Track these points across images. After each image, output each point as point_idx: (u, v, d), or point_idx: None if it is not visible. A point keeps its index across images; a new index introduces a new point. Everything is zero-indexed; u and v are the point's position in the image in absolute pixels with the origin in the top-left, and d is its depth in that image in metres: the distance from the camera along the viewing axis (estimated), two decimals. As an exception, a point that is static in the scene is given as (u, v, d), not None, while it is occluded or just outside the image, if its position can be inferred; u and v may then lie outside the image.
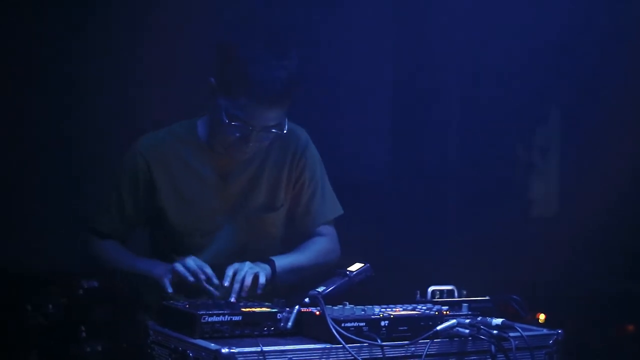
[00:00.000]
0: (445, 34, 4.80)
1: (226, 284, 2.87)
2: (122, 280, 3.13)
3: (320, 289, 2.68)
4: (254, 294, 2.88)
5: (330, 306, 2.59)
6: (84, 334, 3.60)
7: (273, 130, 2.97)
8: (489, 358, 2.58)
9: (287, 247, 3.23)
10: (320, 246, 3.27)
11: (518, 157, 4.78)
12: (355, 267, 2.81)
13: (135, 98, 4.22)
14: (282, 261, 3.10)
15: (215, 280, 2.86)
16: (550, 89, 4.63)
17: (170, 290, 2.90)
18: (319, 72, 4.48)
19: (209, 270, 2.87)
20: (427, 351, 2.53)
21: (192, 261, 2.89)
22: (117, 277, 3.14)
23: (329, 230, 3.30)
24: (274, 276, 3.02)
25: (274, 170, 3.17)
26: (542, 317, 3.79)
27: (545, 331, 2.77)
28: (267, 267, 3.02)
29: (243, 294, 2.87)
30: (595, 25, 4.36)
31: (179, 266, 2.89)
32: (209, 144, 3.09)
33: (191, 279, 2.86)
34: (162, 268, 2.97)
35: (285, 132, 2.99)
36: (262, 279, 2.91)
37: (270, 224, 3.19)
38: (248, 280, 2.89)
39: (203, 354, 2.37)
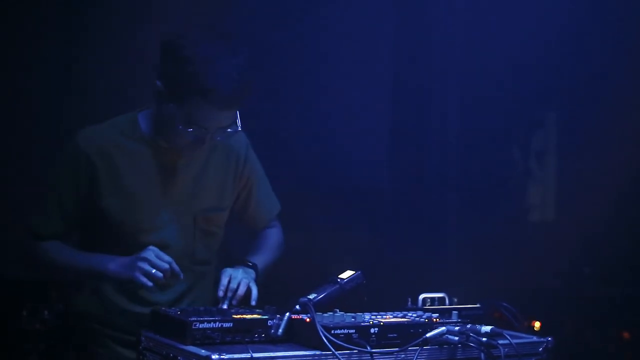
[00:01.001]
0: (445, 36, 4.81)
1: (220, 293, 2.86)
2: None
3: (311, 296, 2.71)
4: (247, 304, 2.88)
5: (320, 313, 2.60)
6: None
7: (229, 130, 2.88)
8: (478, 365, 2.60)
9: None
10: (277, 240, 3.27)
11: (516, 161, 4.79)
12: (347, 274, 2.82)
13: (69, 94, 4.20)
14: (261, 263, 3.09)
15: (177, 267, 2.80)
16: (550, 91, 4.64)
17: (150, 284, 2.78)
18: (316, 74, 4.50)
19: (176, 267, 2.80)
20: (417, 358, 2.55)
21: (155, 256, 2.79)
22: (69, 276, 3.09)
23: (276, 222, 3.30)
24: (257, 280, 3.00)
25: (218, 171, 3.08)
26: (537, 324, 3.80)
27: (535, 339, 2.78)
28: (253, 272, 3.01)
29: (234, 302, 2.88)
30: (595, 27, 4.37)
31: (145, 265, 2.78)
32: (153, 140, 2.96)
33: (160, 275, 2.77)
34: (119, 262, 2.85)
35: (239, 129, 2.90)
36: (254, 292, 2.90)
37: (216, 224, 3.11)
38: (242, 290, 2.89)
39: (194, 360, 2.39)
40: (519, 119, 4.78)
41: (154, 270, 2.76)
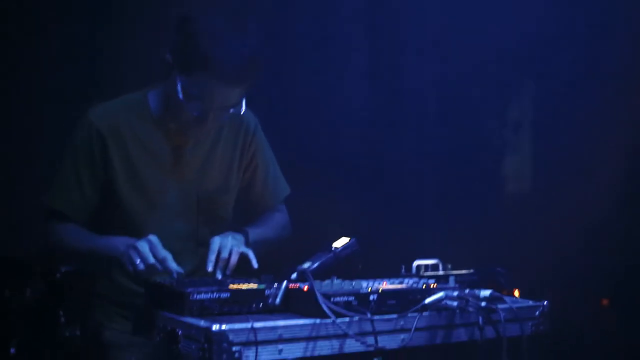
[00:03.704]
0: (420, 28, 4.80)
1: (210, 267, 2.80)
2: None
3: (306, 265, 2.68)
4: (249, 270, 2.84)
5: (318, 281, 2.58)
6: (62, 319, 3.57)
7: (231, 111, 2.87)
8: (477, 330, 2.59)
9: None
10: (281, 221, 3.25)
11: (496, 135, 4.79)
12: (341, 242, 2.81)
13: (81, 71, 4.15)
14: (254, 232, 3.04)
15: (174, 265, 2.71)
16: (528, 82, 4.64)
17: (131, 270, 2.73)
18: (295, 53, 4.48)
19: (171, 265, 2.71)
20: (416, 324, 2.54)
21: (148, 249, 2.72)
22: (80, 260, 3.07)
23: (282, 207, 3.28)
24: (246, 246, 2.95)
25: (227, 152, 3.08)
26: (516, 292, 3.82)
27: (531, 303, 2.79)
28: (242, 238, 2.96)
29: (227, 272, 2.84)
30: (577, 17, 4.37)
31: (134, 253, 2.71)
32: (162, 119, 2.96)
33: (141, 267, 2.71)
34: (124, 246, 2.79)
35: (243, 112, 2.90)
36: (251, 254, 2.85)
37: (221, 206, 3.11)
38: (234, 259, 2.84)
39: (193, 331, 2.35)
40: (499, 91, 4.77)
41: (138, 261, 2.70)
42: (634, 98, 4.31)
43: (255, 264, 2.83)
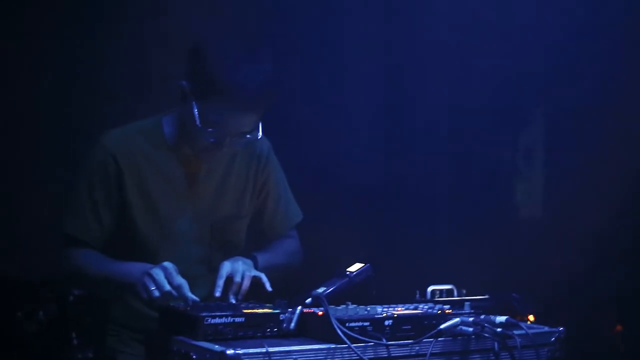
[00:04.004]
0: (433, 38, 4.80)
1: (217, 293, 2.79)
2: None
3: (321, 290, 2.67)
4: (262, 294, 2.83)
5: (333, 306, 2.57)
6: (75, 341, 3.56)
7: (248, 136, 2.88)
8: (492, 356, 2.58)
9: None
10: (291, 247, 3.24)
11: (510, 158, 4.78)
12: (355, 267, 2.80)
13: (97, 95, 4.16)
14: (263, 258, 3.04)
15: (190, 294, 2.68)
16: (540, 91, 4.63)
17: (145, 297, 2.70)
18: (309, 80, 4.49)
19: (186, 292, 2.68)
20: (432, 350, 2.52)
21: (164, 276, 2.69)
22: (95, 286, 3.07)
23: (294, 233, 3.27)
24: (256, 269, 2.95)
25: (240, 177, 3.09)
26: (531, 318, 3.79)
27: (547, 329, 2.77)
28: (251, 262, 2.96)
29: (240, 297, 2.83)
30: (587, 23, 4.36)
31: (149, 281, 2.69)
32: (176, 145, 2.97)
33: (156, 294, 2.68)
34: (139, 272, 2.77)
35: (259, 138, 2.90)
36: (264, 277, 2.85)
37: (234, 232, 3.11)
38: (246, 284, 2.83)
39: (207, 355, 2.34)
40: (509, 117, 4.76)
41: (153, 288, 2.68)
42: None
43: (268, 287, 2.83)
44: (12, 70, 4.01)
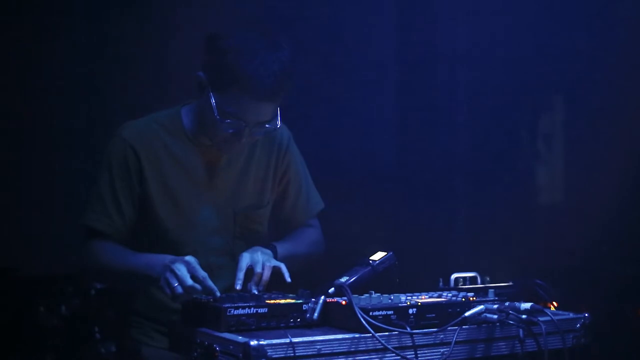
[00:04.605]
0: (450, 23, 4.77)
1: (238, 286, 2.76)
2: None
3: (344, 279, 2.65)
4: (282, 285, 2.81)
5: (356, 295, 2.55)
6: (98, 335, 3.57)
7: (267, 126, 2.86)
8: (517, 343, 2.56)
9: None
10: (312, 237, 3.21)
11: (528, 144, 4.75)
12: (378, 256, 2.77)
13: (115, 88, 4.16)
14: (283, 247, 3.02)
15: (212, 286, 2.62)
16: (557, 75, 4.59)
17: (169, 293, 2.64)
18: (323, 67, 4.47)
19: (209, 284, 2.62)
20: (456, 338, 2.50)
21: (186, 271, 2.63)
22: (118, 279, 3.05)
23: (315, 222, 3.25)
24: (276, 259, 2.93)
25: (261, 166, 3.07)
26: (554, 304, 3.77)
27: (572, 315, 2.75)
28: (271, 252, 2.94)
29: (261, 287, 2.82)
30: (603, 10, 4.33)
31: (172, 276, 2.63)
32: (195, 136, 2.96)
33: (180, 291, 2.61)
34: (160, 266, 2.71)
35: (278, 127, 2.89)
36: (283, 268, 2.82)
37: (257, 221, 3.09)
38: (267, 275, 2.82)
39: (231, 347, 2.33)
40: (527, 102, 4.73)
41: (176, 284, 2.63)
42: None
43: (288, 278, 2.81)
44: (33, 66, 4.03)
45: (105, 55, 4.17)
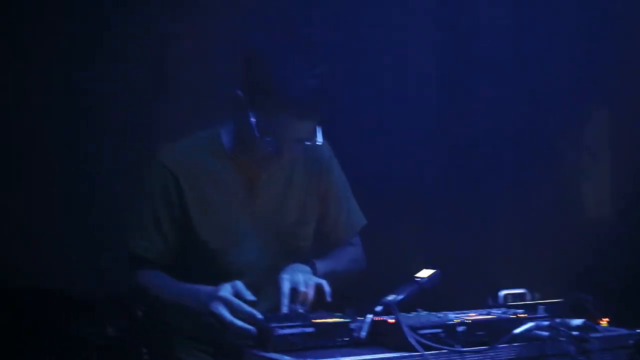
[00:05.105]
0: (489, 19, 4.73)
1: (284, 308, 2.72)
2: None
3: (391, 297, 2.62)
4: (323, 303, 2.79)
5: (404, 313, 2.53)
6: (146, 357, 3.57)
7: (307, 143, 2.85)
8: (569, 360, 2.51)
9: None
10: (353, 255, 3.18)
11: (576, 157, 4.68)
12: (425, 273, 2.74)
13: (150, 108, 4.18)
14: (322, 264, 2.99)
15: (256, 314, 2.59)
16: (607, 87, 4.53)
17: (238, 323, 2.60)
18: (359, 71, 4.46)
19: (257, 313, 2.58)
20: (507, 356, 2.47)
21: (223, 309, 2.61)
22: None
23: (357, 240, 3.22)
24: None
25: (302, 183, 3.05)
26: (605, 321, 3.71)
27: (624, 331, 2.70)
28: (309, 269, 2.91)
29: (306, 307, 2.79)
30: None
31: (224, 311, 2.60)
32: (235, 154, 2.95)
33: (230, 319, 2.60)
34: (206, 295, 2.69)
35: (319, 143, 2.87)
36: (326, 287, 2.80)
37: (301, 238, 3.07)
38: (311, 294, 2.79)
39: (278, 367, 2.32)
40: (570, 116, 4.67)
41: (226, 315, 2.59)
42: None
43: (328, 297, 2.78)
44: (68, 80, 4.05)
45: (152, 76, 4.19)
